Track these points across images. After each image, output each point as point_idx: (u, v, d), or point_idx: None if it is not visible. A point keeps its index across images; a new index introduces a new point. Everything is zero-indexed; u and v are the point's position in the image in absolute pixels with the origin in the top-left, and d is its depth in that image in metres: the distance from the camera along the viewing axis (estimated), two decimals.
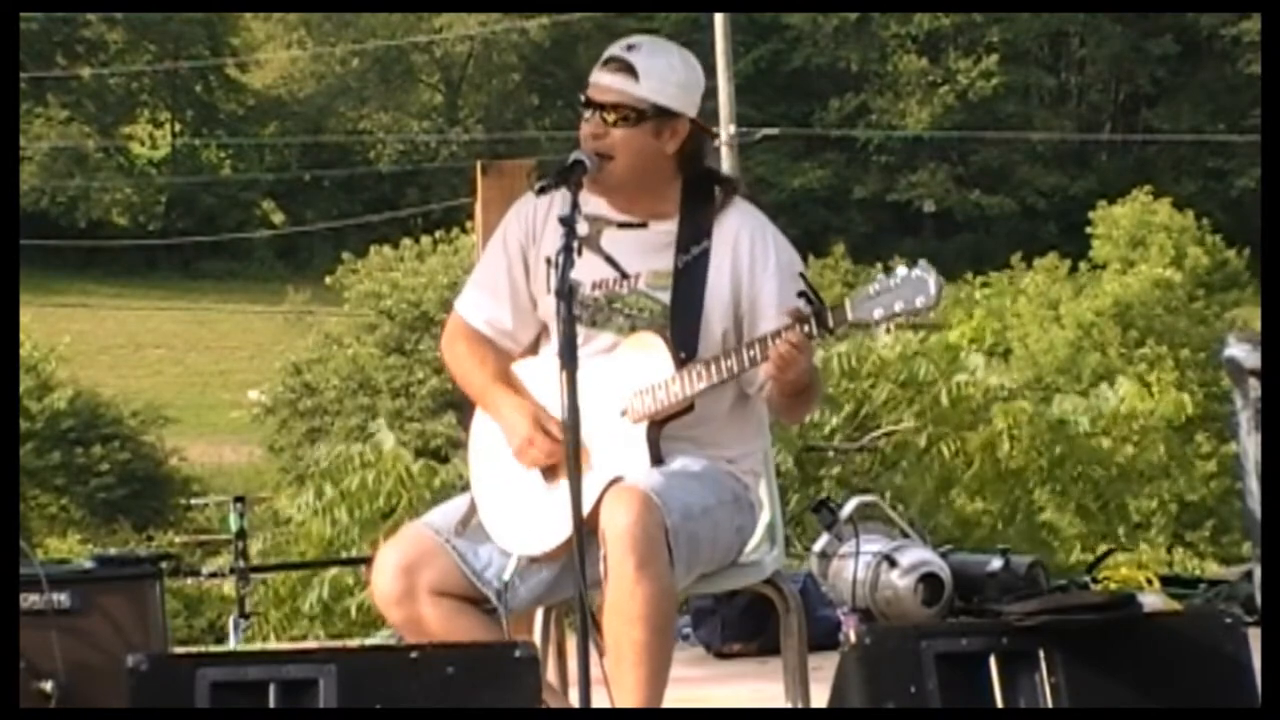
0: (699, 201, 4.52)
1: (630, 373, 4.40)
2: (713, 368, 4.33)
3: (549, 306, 4.42)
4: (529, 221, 4.57)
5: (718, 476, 4.45)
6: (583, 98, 4.48)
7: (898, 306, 4.24)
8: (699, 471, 4.39)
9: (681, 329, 4.41)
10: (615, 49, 4.49)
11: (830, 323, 4.25)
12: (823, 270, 37.16)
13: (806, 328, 4.24)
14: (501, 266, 4.58)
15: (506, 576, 4.37)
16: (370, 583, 4.50)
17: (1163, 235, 34.23)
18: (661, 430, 4.39)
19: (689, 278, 4.45)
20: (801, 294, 4.27)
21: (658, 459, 4.37)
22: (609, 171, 4.41)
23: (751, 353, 4.30)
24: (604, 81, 4.45)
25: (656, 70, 4.45)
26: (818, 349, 4.36)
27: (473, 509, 4.48)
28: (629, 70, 4.43)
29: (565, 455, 4.12)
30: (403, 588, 4.33)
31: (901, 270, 4.25)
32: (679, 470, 4.35)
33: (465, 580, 4.37)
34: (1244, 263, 34.28)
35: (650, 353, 4.39)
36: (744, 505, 4.51)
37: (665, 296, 4.45)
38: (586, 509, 4.22)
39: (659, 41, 4.58)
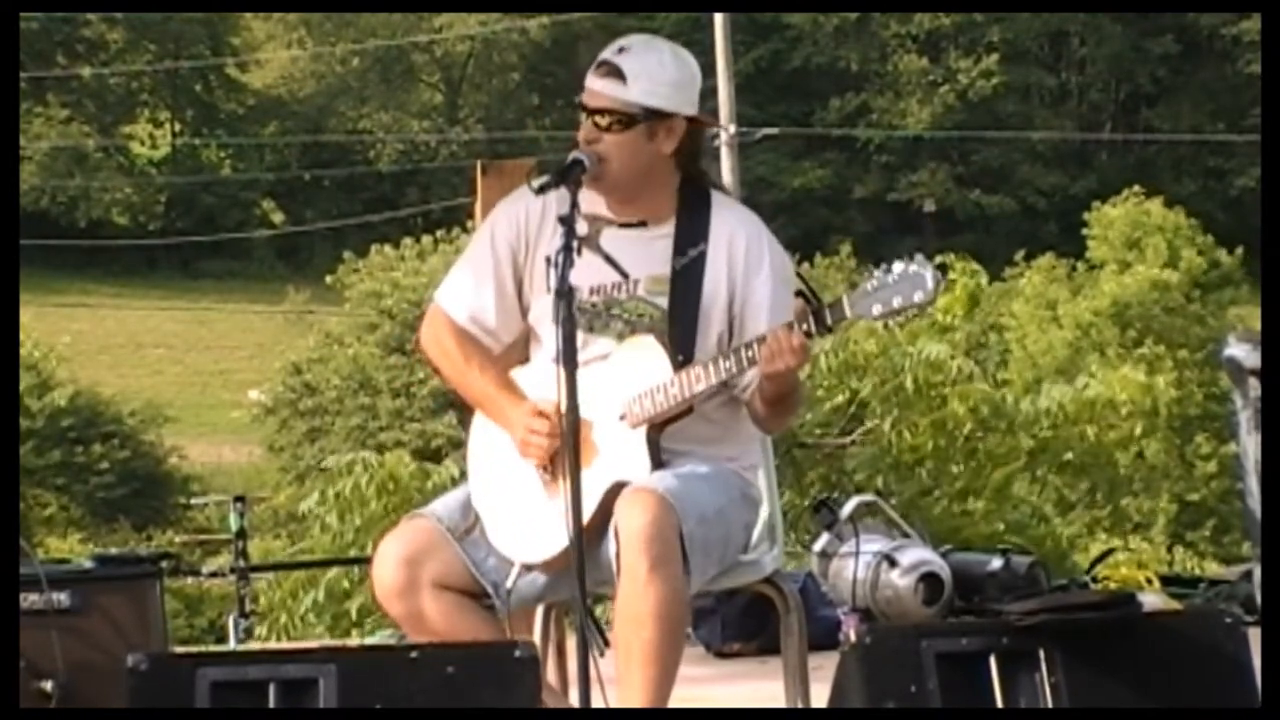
0: (695, 202, 4.51)
1: (628, 376, 4.39)
2: (710, 369, 4.32)
3: (543, 309, 4.40)
4: (521, 224, 4.53)
5: (725, 476, 4.44)
6: (579, 101, 4.47)
7: (896, 302, 4.23)
8: (707, 473, 4.39)
9: (679, 333, 4.39)
10: (606, 52, 4.47)
11: (829, 320, 4.25)
12: (827, 269, 37.17)
13: (805, 325, 4.24)
14: (488, 263, 4.54)
15: (509, 584, 4.36)
16: (371, 576, 4.49)
17: (1157, 236, 34.25)
18: (661, 433, 4.38)
19: (686, 281, 4.43)
20: (799, 293, 4.27)
21: (658, 462, 4.36)
22: (604, 173, 4.40)
23: (749, 352, 4.29)
24: (595, 87, 4.43)
25: (646, 72, 4.42)
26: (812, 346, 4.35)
27: (475, 517, 4.46)
28: (617, 74, 4.41)
29: (564, 454, 4.11)
30: (405, 580, 4.32)
31: (899, 265, 4.24)
32: (689, 473, 4.34)
33: (467, 574, 4.37)
34: (1237, 261, 34.27)
35: (647, 356, 4.38)
36: (749, 501, 4.52)
37: (663, 301, 4.43)
38: (587, 512, 4.20)
39: (652, 40, 4.55)
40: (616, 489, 4.31)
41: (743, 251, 4.47)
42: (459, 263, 4.63)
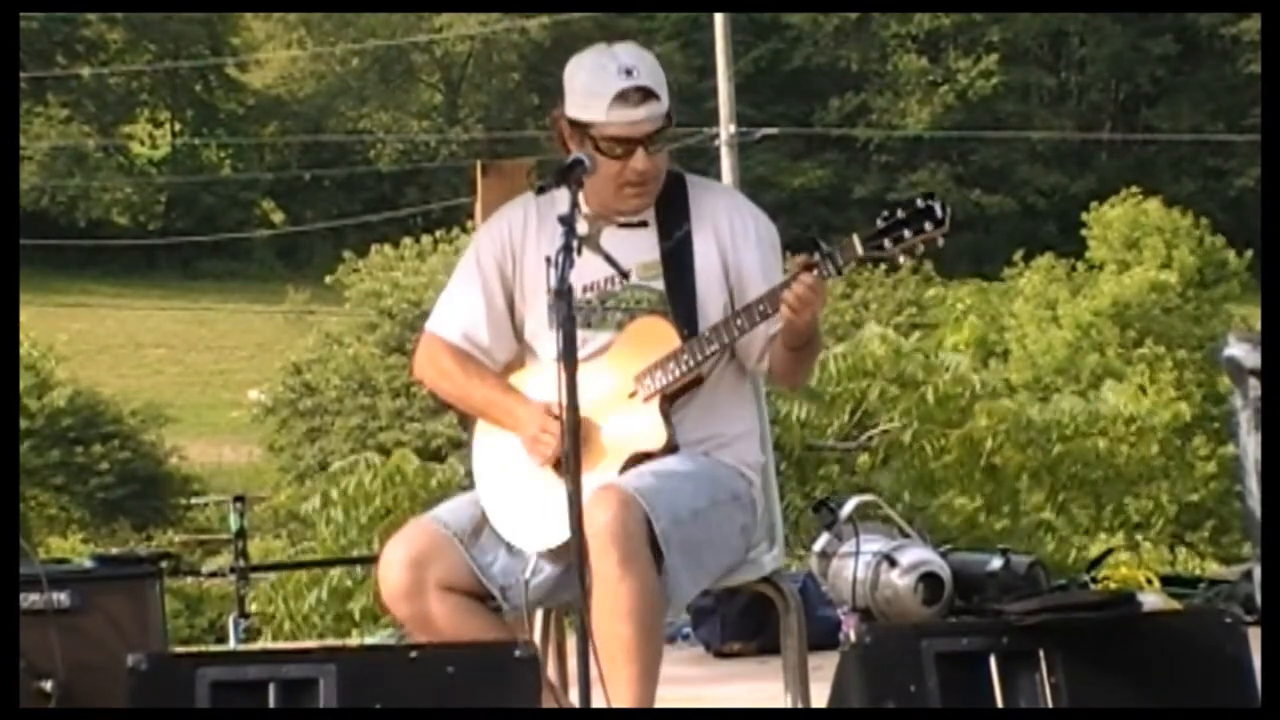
0: (672, 188, 4.54)
1: (636, 357, 4.40)
2: (720, 331, 4.35)
3: (539, 318, 4.42)
4: (504, 239, 4.54)
5: (714, 474, 4.42)
6: (602, 138, 4.36)
7: (907, 234, 4.26)
8: (691, 471, 4.36)
9: (680, 310, 4.42)
10: (618, 81, 4.35)
11: (840, 261, 4.28)
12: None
13: (819, 270, 4.26)
14: (475, 284, 4.54)
15: (527, 575, 4.35)
16: (377, 577, 4.49)
17: (1156, 236, 34.21)
18: (673, 404, 4.39)
19: (677, 261, 4.46)
20: (810, 238, 4.31)
21: (672, 433, 4.37)
22: (648, 194, 4.43)
23: (761, 307, 4.32)
24: (639, 115, 4.36)
25: (658, 78, 4.43)
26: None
27: (483, 519, 4.45)
28: (652, 95, 4.39)
29: (564, 455, 4.10)
30: (411, 581, 4.33)
31: (907, 203, 4.29)
32: (669, 471, 4.33)
33: (472, 576, 4.37)
34: (1244, 263, 34.23)
35: (653, 333, 4.40)
36: (745, 503, 4.48)
37: (658, 284, 4.45)
38: None
39: (631, 45, 4.50)
40: (635, 460, 4.34)
41: (727, 223, 4.50)
42: (447, 289, 4.62)
